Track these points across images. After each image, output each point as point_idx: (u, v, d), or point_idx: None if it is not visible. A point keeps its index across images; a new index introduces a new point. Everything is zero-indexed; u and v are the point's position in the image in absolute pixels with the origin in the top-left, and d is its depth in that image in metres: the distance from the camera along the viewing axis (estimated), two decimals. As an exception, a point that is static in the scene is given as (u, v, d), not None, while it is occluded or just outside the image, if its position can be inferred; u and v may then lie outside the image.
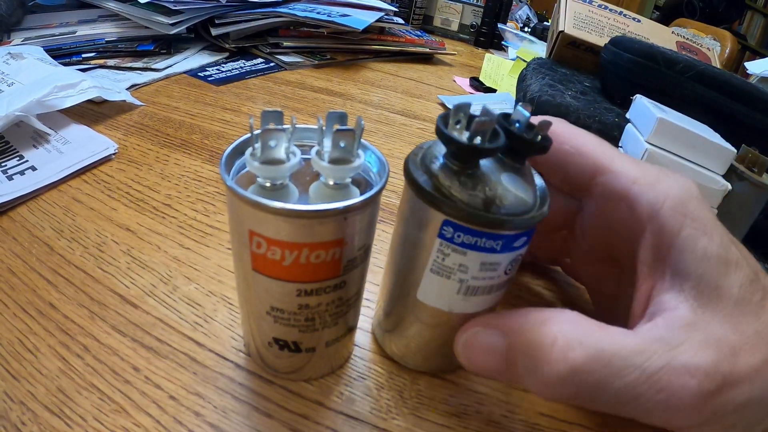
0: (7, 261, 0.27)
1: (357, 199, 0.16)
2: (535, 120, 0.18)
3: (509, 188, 0.17)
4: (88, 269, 0.27)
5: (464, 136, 0.17)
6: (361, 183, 0.19)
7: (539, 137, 0.17)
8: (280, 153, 0.17)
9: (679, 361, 0.15)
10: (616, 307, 0.24)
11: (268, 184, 0.17)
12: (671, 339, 0.16)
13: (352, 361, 0.23)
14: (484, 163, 0.17)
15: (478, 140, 0.17)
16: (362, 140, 0.19)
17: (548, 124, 0.17)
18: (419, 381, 0.23)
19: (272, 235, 0.16)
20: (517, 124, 0.18)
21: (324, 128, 0.17)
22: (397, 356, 0.23)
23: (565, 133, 0.21)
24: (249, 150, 0.17)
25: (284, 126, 0.17)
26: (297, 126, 0.19)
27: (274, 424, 0.20)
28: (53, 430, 0.19)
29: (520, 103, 0.18)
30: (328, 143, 0.17)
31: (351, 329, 0.22)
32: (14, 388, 0.21)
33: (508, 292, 0.21)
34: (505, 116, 0.18)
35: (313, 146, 0.18)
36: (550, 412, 0.22)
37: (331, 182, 0.18)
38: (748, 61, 0.60)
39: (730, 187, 0.32)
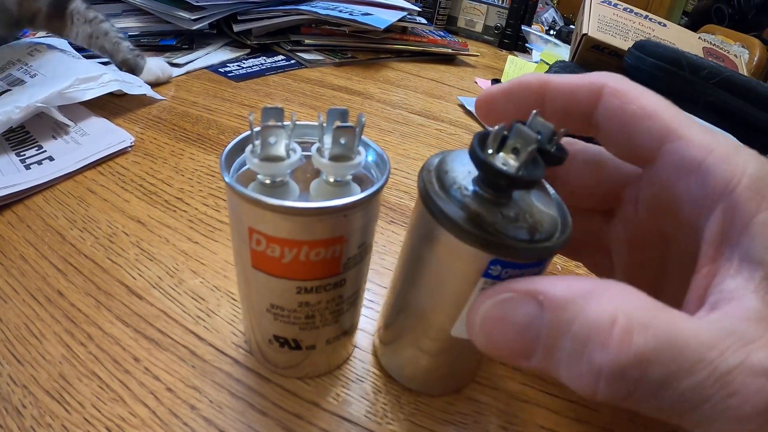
0: (20, 248, 0.28)
1: (357, 196, 0.16)
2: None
3: (542, 209, 0.16)
4: (97, 259, 0.27)
5: (505, 163, 0.15)
6: (363, 180, 0.19)
7: (554, 147, 0.16)
8: (280, 150, 0.16)
9: (754, 359, 0.13)
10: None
11: (268, 181, 0.17)
12: (745, 334, 0.13)
13: (351, 362, 0.23)
14: None
15: (511, 166, 0.15)
16: (364, 137, 0.19)
17: (564, 133, 0.16)
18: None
19: (271, 232, 0.16)
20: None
21: (325, 125, 0.17)
22: (394, 373, 0.23)
23: (629, 92, 0.18)
24: (249, 147, 0.17)
25: (285, 123, 0.16)
26: (298, 123, 0.19)
27: (268, 422, 0.20)
28: (52, 415, 0.20)
29: (534, 113, 0.16)
30: (328, 140, 0.17)
31: (351, 327, 0.22)
32: (18, 372, 0.21)
33: None
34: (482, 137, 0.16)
35: (314, 143, 0.18)
36: (552, 425, 0.22)
37: (332, 179, 0.17)
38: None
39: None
